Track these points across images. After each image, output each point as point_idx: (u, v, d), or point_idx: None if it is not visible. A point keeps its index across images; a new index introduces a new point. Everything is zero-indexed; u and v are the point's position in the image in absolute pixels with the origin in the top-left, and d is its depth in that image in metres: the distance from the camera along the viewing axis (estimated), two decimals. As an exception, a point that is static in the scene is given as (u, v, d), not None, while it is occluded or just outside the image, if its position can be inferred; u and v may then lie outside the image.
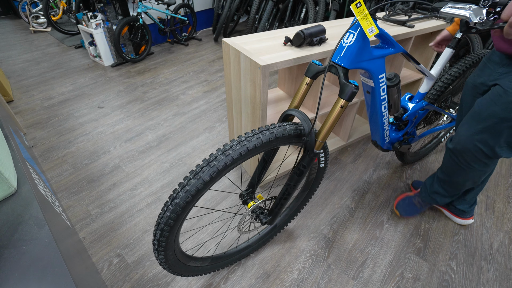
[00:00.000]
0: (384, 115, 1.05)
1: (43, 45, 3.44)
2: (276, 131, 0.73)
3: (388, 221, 1.31)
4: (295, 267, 1.12)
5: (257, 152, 0.72)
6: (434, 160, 1.67)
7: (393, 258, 1.16)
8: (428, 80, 1.16)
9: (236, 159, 0.67)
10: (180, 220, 0.70)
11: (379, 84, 0.92)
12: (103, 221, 1.30)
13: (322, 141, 0.79)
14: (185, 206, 0.66)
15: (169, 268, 0.82)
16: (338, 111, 0.76)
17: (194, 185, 0.65)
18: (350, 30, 0.75)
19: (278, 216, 0.94)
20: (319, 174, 1.05)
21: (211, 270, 1.02)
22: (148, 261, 1.13)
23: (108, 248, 1.18)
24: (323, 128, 0.78)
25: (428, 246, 1.21)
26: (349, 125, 1.67)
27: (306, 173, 0.84)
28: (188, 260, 0.89)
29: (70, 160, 1.65)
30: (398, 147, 1.25)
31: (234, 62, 1.22)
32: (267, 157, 0.93)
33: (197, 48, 3.32)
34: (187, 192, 0.65)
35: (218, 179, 0.68)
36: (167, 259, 0.77)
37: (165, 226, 0.68)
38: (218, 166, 0.65)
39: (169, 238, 0.71)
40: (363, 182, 1.52)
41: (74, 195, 1.43)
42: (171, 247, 0.76)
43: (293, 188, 0.87)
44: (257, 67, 1.05)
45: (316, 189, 1.13)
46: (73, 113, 2.09)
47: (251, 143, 0.68)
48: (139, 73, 2.71)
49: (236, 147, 0.67)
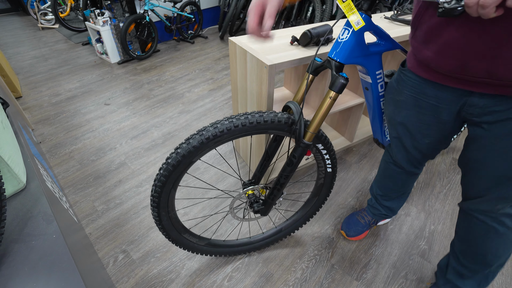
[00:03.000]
0: (383, 112, 1.05)
1: (51, 41, 3.48)
2: (266, 115, 0.78)
3: (392, 222, 1.30)
4: (298, 267, 1.12)
5: (245, 132, 0.77)
6: (440, 161, 1.66)
7: (397, 259, 1.16)
8: None
9: (223, 133, 0.74)
10: (172, 180, 0.78)
11: (376, 80, 0.92)
12: (109, 217, 1.31)
13: (313, 132, 0.81)
14: (176, 166, 0.75)
15: (163, 229, 0.89)
16: (328, 102, 0.78)
17: (184, 149, 0.74)
18: (345, 26, 0.77)
19: (271, 207, 0.97)
20: (328, 180, 1.05)
21: (207, 253, 1.05)
22: (153, 258, 1.14)
23: (113, 244, 1.20)
24: (314, 119, 0.80)
25: (432, 248, 1.20)
26: (354, 125, 1.66)
27: (297, 165, 0.86)
28: (184, 231, 0.95)
29: (77, 156, 1.67)
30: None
31: (241, 61, 1.22)
32: (270, 149, 0.94)
33: (203, 46, 3.32)
34: (177, 154, 0.74)
35: (206, 148, 0.76)
36: (160, 219, 0.85)
37: (158, 183, 0.77)
38: (206, 135, 0.73)
39: (161, 196, 0.80)
40: (368, 183, 1.51)
41: (80, 191, 1.45)
42: (164, 207, 0.84)
43: (285, 179, 0.89)
44: (264, 66, 1.05)
45: (327, 197, 1.12)
46: (80, 110, 2.11)
47: (239, 121, 0.75)
48: (145, 71, 2.72)
49: (224, 122, 0.75)
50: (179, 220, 0.92)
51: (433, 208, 1.38)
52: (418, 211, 1.36)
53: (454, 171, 1.59)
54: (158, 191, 0.79)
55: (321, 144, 0.91)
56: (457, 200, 1.42)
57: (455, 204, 1.40)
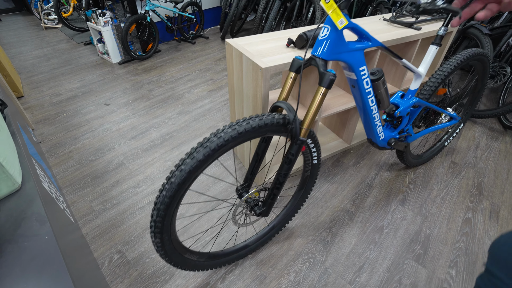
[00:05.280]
0: (373, 109, 1.05)
1: (53, 41, 3.51)
2: (265, 118, 0.79)
3: (388, 226, 1.30)
4: (292, 269, 1.13)
5: (248, 137, 0.77)
6: (439, 164, 1.65)
7: (392, 263, 1.15)
8: (416, 77, 1.16)
9: (227, 141, 0.72)
10: (176, 199, 0.72)
11: (361, 76, 0.94)
12: (105, 217, 1.32)
13: (307, 128, 0.83)
14: (180, 184, 0.70)
15: (165, 255, 0.83)
16: (320, 98, 0.81)
17: (189, 164, 0.69)
18: (324, 24, 0.81)
19: (272, 207, 0.97)
20: (314, 171, 1.07)
21: (208, 268, 1.03)
22: (147, 259, 1.15)
23: (109, 244, 1.21)
24: (307, 115, 0.83)
25: (427, 253, 1.19)
26: (352, 127, 1.66)
27: (294, 161, 0.87)
28: (185, 251, 0.91)
29: (76, 156, 1.69)
30: (392, 143, 1.24)
31: (237, 63, 1.22)
32: (259, 151, 0.95)
33: (203, 46, 3.33)
34: (182, 171, 0.69)
35: (211, 160, 0.72)
36: (163, 244, 0.79)
37: (161, 205, 0.71)
38: (211, 147, 0.70)
39: (165, 219, 0.74)
40: (364, 186, 1.51)
41: (78, 191, 1.46)
42: (167, 231, 0.78)
43: (284, 177, 0.90)
44: (259, 69, 1.05)
45: (311, 188, 1.14)
46: (80, 110, 2.13)
47: (242, 127, 0.74)
48: (146, 71, 2.74)
49: (227, 131, 0.73)
50: (180, 241, 0.88)
51: (429, 212, 1.37)
52: (414, 214, 1.36)
53: (452, 175, 1.58)
54: (162, 215, 0.72)
55: (310, 138, 0.93)
56: (455, 204, 1.41)
57: (452, 208, 1.39)
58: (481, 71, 1.42)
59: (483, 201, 1.43)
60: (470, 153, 1.74)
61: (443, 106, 1.42)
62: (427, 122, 1.41)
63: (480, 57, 1.28)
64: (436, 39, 1.12)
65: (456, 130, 1.66)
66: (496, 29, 2.02)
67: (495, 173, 1.60)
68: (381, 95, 1.04)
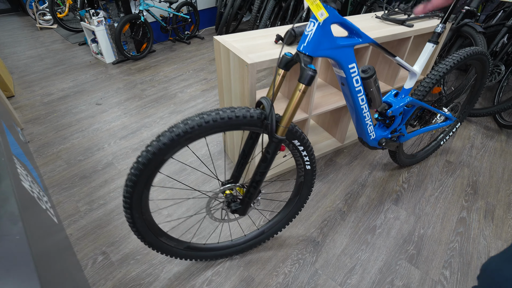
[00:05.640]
0: (363, 108, 1.02)
1: (48, 41, 3.49)
2: (237, 110, 0.77)
3: (381, 226, 1.27)
4: (281, 271, 1.09)
5: (218, 128, 0.76)
6: (433, 163, 1.62)
7: (384, 264, 1.12)
8: (411, 76, 1.13)
9: (193, 129, 0.73)
10: (143, 179, 0.75)
11: (350, 74, 0.91)
12: (91, 218, 1.29)
13: (285, 127, 0.80)
14: (146, 164, 0.73)
15: (138, 233, 0.86)
16: (298, 95, 0.78)
17: (155, 146, 0.72)
18: (311, 19, 0.78)
19: (249, 206, 0.94)
20: (308, 177, 1.03)
21: (186, 257, 1.02)
22: (132, 260, 1.12)
23: (94, 245, 1.18)
24: (285, 113, 0.80)
25: (421, 253, 1.16)
26: (345, 126, 1.64)
27: (271, 161, 0.85)
28: (161, 234, 0.92)
29: (64, 156, 1.66)
30: (383, 143, 1.21)
31: (225, 60, 1.20)
32: (246, 148, 0.92)
33: (198, 46, 3.31)
34: (148, 152, 0.73)
35: (178, 146, 0.74)
36: (134, 221, 0.82)
37: (129, 182, 0.75)
38: (176, 132, 0.72)
39: (133, 196, 0.77)
40: (357, 185, 1.48)
41: (65, 191, 1.43)
42: (137, 208, 0.81)
43: (261, 176, 0.87)
44: (245, 65, 1.03)
45: (308, 196, 1.10)
46: (71, 109, 2.10)
47: (210, 117, 0.74)
48: (139, 71, 2.71)
49: (195, 119, 0.73)
50: (155, 222, 0.89)
51: (423, 211, 1.34)
52: (408, 214, 1.33)
53: (447, 174, 1.55)
54: (130, 191, 0.77)
55: (297, 140, 0.89)
56: (449, 204, 1.38)
57: (447, 207, 1.36)
58: (480, 71, 1.39)
59: (478, 200, 1.41)
60: (465, 152, 1.72)
61: (439, 106, 1.39)
62: (422, 122, 1.38)
63: (479, 56, 1.25)
64: (433, 36, 1.09)
65: (453, 129, 1.64)
66: (490, 27, 2.00)
67: (490, 172, 1.57)
68: (372, 94, 1.01)
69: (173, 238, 0.97)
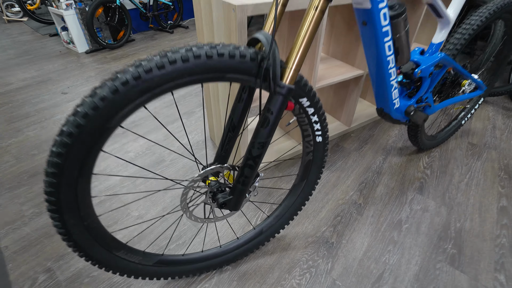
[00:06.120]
0: (389, 61, 0.77)
1: (15, 34, 3.15)
2: (221, 48, 0.48)
3: (407, 220, 1.02)
4: (287, 284, 0.82)
5: (190, 77, 0.47)
6: (455, 147, 1.39)
7: (420, 269, 0.87)
8: (443, 25, 0.88)
9: (152, 74, 0.44)
10: (74, 162, 0.45)
11: (377, 4, 0.64)
12: (38, 224, 0.99)
13: (296, 70, 0.52)
14: (76, 135, 0.43)
15: (77, 248, 0.55)
16: (315, 17, 0.49)
17: (89, 105, 0.42)
18: None
19: (243, 198, 0.65)
20: (318, 155, 0.76)
21: (157, 276, 0.73)
22: (87, 278, 0.83)
23: (36, 260, 0.88)
24: (293, 48, 0.52)
25: (463, 253, 0.91)
26: (352, 108, 1.39)
27: (275, 124, 0.55)
28: (117, 247, 0.62)
29: (14, 151, 1.35)
30: (411, 112, 0.96)
31: (205, 11, 0.93)
32: (234, 115, 0.64)
33: (182, 35, 3.05)
34: (77, 114, 0.42)
35: (128, 104, 0.44)
36: (68, 230, 0.52)
37: (50, 168, 0.45)
38: (122, 79, 0.43)
39: (60, 191, 0.47)
40: (372, 173, 1.23)
41: (9, 192, 1.13)
42: (72, 210, 0.50)
43: (259, 150, 0.57)
44: (232, 9, 0.77)
45: (317, 181, 0.83)
46: (31, 100, 1.79)
47: (178, 55, 0.45)
48: (115, 59, 2.42)
49: (154, 58, 0.44)
50: (106, 230, 0.59)
51: (455, 201, 1.10)
52: (438, 205, 1.08)
53: (473, 157, 1.32)
54: (54, 184, 0.46)
55: (306, 97, 0.62)
56: (483, 191, 1.15)
57: (481, 195, 1.13)
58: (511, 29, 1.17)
59: (517, 186, 1.18)
60: (488, 133, 1.50)
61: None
62: (447, 92, 1.14)
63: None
64: None
65: (475, 106, 1.41)
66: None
67: (522, 154, 1.35)
68: (400, 42, 0.77)
69: (136, 251, 0.68)
